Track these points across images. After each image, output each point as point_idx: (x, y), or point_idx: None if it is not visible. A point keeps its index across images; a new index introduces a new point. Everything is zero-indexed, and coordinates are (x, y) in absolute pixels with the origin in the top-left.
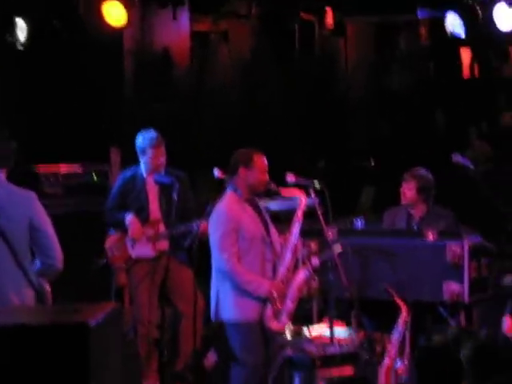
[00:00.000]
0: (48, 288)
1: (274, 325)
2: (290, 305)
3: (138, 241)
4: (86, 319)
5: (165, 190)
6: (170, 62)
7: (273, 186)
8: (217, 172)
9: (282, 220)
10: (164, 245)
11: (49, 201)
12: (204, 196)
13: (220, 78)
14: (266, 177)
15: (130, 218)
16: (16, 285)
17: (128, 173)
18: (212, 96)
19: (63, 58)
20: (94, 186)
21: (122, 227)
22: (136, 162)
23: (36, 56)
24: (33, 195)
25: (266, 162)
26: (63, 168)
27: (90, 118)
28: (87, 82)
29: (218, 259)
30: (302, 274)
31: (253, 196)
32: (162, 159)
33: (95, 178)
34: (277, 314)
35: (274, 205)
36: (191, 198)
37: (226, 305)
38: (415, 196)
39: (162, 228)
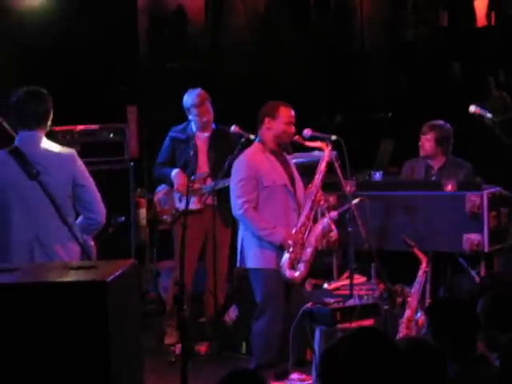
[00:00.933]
0: (92, 243)
1: (289, 273)
2: (307, 254)
3: (183, 194)
4: (103, 276)
5: (214, 145)
6: (185, 19)
7: (297, 138)
8: (233, 127)
9: (305, 173)
10: (208, 199)
11: None
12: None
13: (235, 34)
14: (291, 128)
15: (175, 172)
16: (62, 240)
17: (178, 128)
18: (227, 53)
19: (78, 17)
20: (111, 143)
21: (168, 182)
22: (152, 119)
23: (51, 16)
24: (73, 153)
25: (292, 114)
26: (80, 126)
27: (105, 77)
28: (102, 41)
29: (233, 205)
30: (320, 225)
31: (279, 147)
32: (208, 117)
33: (112, 135)
34: (293, 263)
35: (298, 158)
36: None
37: (248, 252)
38: (434, 147)
39: (208, 182)
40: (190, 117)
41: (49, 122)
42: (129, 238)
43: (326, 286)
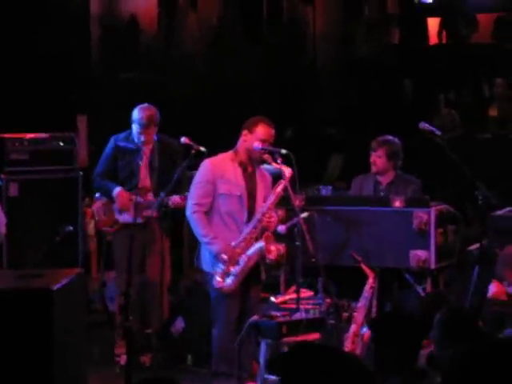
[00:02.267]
0: None
1: (218, 284)
2: (238, 270)
3: (125, 211)
4: (49, 284)
5: (156, 157)
6: (138, 29)
7: (266, 157)
8: (183, 139)
9: None
10: (153, 212)
11: (15, 167)
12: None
13: (188, 45)
14: (264, 146)
15: (117, 191)
16: None
17: (120, 137)
18: (180, 64)
19: (29, 23)
20: (60, 152)
21: (107, 195)
22: (102, 128)
23: (1, 21)
24: None
25: (270, 133)
26: (29, 134)
27: (56, 85)
28: (53, 49)
29: (187, 204)
30: (257, 246)
31: (249, 161)
32: (151, 137)
33: (62, 144)
34: (224, 275)
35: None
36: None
37: (203, 254)
38: (385, 163)
39: (150, 196)
40: (134, 129)
41: None
42: (76, 248)
43: (272, 299)
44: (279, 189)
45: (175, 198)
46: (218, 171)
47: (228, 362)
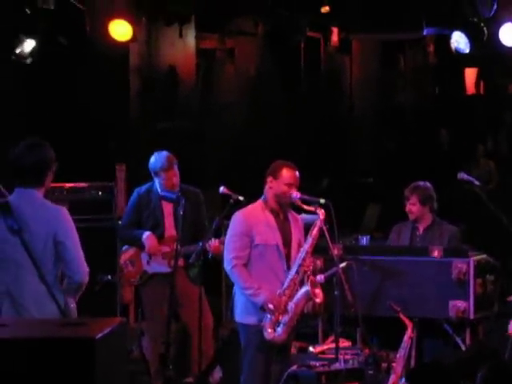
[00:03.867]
0: (73, 305)
1: (269, 335)
2: (287, 318)
3: (154, 257)
4: (92, 333)
5: (179, 208)
6: (176, 80)
7: (296, 201)
8: (222, 188)
9: None
10: (179, 261)
11: None
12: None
13: (226, 95)
14: (292, 190)
15: (147, 235)
16: (38, 300)
17: (143, 189)
18: (217, 114)
19: (70, 75)
20: (99, 201)
21: (136, 244)
22: (140, 178)
23: (42, 73)
24: (60, 210)
25: (295, 176)
26: (68, 184)
27: (95, 135)
28: (93, 99)
29: (224, 259)
30: (303, 291)
31: (280, 207)
32: (175, 179)
33: (100, 193)
34: (273, 325)
35: None
36: (203, 214)
37: (237, 305)
38: (420, 209)
39: (173, 245)
40: (156, 180)
41: (47, 177)
42: (114, 297)
43: (311, 349)
44: (315, 231)
45: (214, 243)
46: (251, 222)
47: None
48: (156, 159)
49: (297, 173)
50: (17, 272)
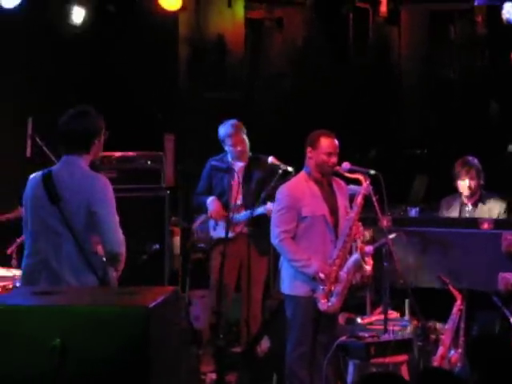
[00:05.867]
0: (114, 274)
1: (323, 305)
2: (339, 288)
3: (218, 221)
4: (146, 301)
5: (248, 175)
6: (225, 49)
7: (338, 169)
8: (271, 158)
9: None
10: (240, 227)
11: None
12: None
13: (274, 65)
14: (332, 159)
15: (210, 200)
16: (75, 269)
17: (216, 158)
18: (266, 85)
19: (118, 43)
20: (147, 171)
21: (204, 209)
22: (189, 148)
23: (92, 41)
24: (97, 178)
25: (334, 144)
26: (117, 153)
27: (144, 105)
28: (143, 68)
29: (272, 233)
30: (353, 259)
31: (323, 176)
32: (242, 146)
33: (149, 163)
34: (327, 295)
35: None
36: (270, 184)
37: (284, 278)
38: (478, 184)
39: (242, 212)
40: (226, 147)
41: (93, 145)
42: (162, 266)
43: (359, 320)
44: (359, 199)
45: (269, 205)
46: (296, 195)
47: (299, 381)
48: (222, 127)
49: (335, 141)
50: (55, 241)
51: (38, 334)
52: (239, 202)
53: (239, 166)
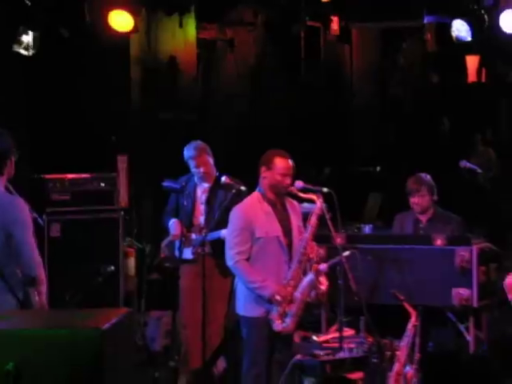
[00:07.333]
0: (36, 298)
1: (277, 326)
2: (294, 308)
3: (177, 240)
4: (100, 323)
5: (210, 196)
6: (177, 70)
7: (292, 189)
8: (224, 178)
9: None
10: (206, 248)
11: (56, 208)
12: None
13: (227, 85)
14: (286, 180)
15: (172, 222)
16: None
17: (184, 177)
18: (219, 104)
19: (70, 66)
20: (101, 192)
21: (168, 232)
22: (142, 169)
23: (43, 64)
24: (13, 200)
25: (288, 165)
26: (70, 175)
27: (96, 126)
28: (94, 90)
29: (226, 255)
30: (307, 280)
31: (277, 196)
32: (205, 168)
33: (103, 184)
34: (281, 316)
35: None
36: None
37: (239, 298)
38: (429, 201)
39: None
40: (191, 169)
41: (6, 166)
42: (117, 288)
43: (314, 338)
44: (314, 219)
45: (224, 232)
46: (250, 216)
47: None
48: (186, 148)
49: (290, 161)
50: None
51: None
52: (201, 223)
53: (204, 187)
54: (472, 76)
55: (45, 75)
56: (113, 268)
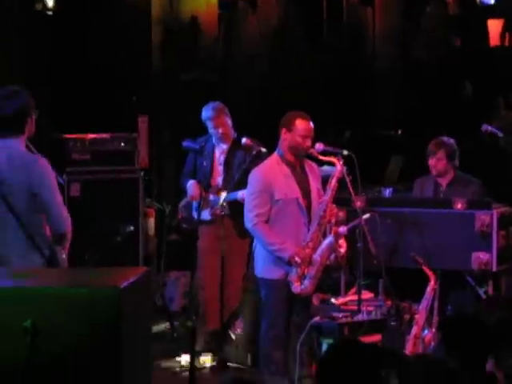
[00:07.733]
0: (63, 255)
1: (297, 288)
2: (313, 271)
3: (195, 201)
4: (118, 281)
5: (229, 157)
6: (199, 30)
7: (312, 151)
8: (245, 140)
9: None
10: (219, 210)
11: (76, 167)
12: None
13: (248, 46)
14: (307, 142)
15: (190, 183)
16: (21, 251)
17: (202, 138)
18: (240, 65)
19: (91, 26)
20: (121, 152)
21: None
22: (163, 129)
23: (64, 23)
24: (37, 159)
25: (309, 127)
26: (91, 135)
27: (117, 86)
28: (116, 50)
29: (245, 218)
30: (327, 242)
31: (296, 158)
32: (223, 129)
33: (123, 144)
34: (300, 278)
35: None
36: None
37: (258, 261)
38: (446, 164)
39: (222, 194)
40: (209, 129)
41: (27, 124)
42: (137, 248)
43: (333, 300)
44: (334, 182)
45: (242, 193)
46: (269, 178)
47: (276, 362)
48: (204, 109)
49: (311, 124)
50: None
51: (10, 315)
52: (219, 184)
53: (223, 148)
54: (495, 40)
55: (67, 35)
56: (132, 228)
